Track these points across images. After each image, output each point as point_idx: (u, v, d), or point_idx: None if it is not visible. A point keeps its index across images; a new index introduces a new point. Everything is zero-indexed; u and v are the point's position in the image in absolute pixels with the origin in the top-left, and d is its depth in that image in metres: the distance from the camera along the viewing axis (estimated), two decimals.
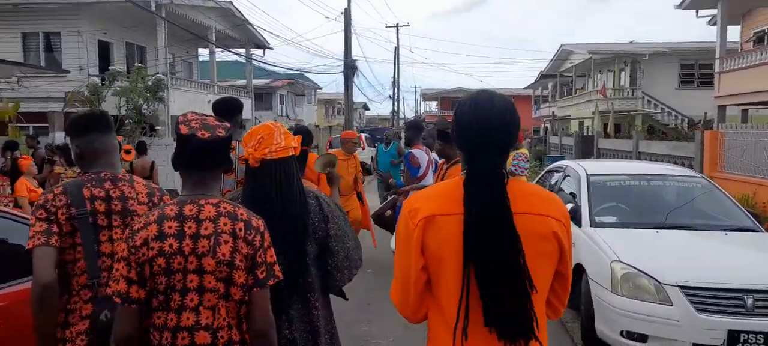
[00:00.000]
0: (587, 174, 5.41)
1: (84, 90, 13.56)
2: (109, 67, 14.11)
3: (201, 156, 1.72)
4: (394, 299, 1.62)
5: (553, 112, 29.44)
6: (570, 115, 29.97)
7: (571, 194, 5.66)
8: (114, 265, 1.68)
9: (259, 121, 21.99)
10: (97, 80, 13.86)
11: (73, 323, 1.96)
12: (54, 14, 16.34)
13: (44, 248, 1.88)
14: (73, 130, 2.15)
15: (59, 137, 13.24)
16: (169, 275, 1.63)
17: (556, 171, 6.71)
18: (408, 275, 1.53)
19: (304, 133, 2.65)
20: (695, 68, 25.27)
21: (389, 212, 5.72)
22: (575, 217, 4.95)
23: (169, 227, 1.65)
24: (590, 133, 21.15)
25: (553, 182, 6.66)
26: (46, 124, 15.58)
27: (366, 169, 14.18)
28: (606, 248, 4.31)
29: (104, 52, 17.16)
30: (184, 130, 1.72)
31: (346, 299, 2.38)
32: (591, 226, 4.80)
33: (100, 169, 2.09)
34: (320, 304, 2.12)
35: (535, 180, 7.40)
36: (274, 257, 1.78)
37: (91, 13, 16.29)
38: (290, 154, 2.06)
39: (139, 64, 14.17)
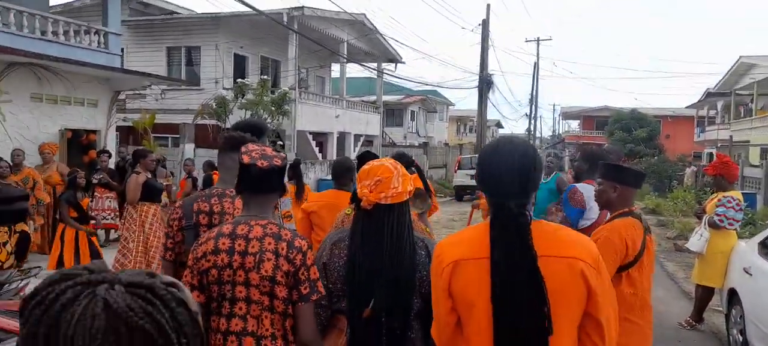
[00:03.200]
0: None
1: (213, 103, 13.43)
2: (237, 80, 13.89)
3: (259, 182, 1.91)
4: (433, 336, 1.70)
5: (731, 136, 24.84)
6: (748, 141, 25.13)
7: None
8: (183, 274, 1.94)
9: (389, 138, 21.11)
10: (225, 93, 13.69)
11: None
12: (195, 29, 16.80)
13: (163, 261, 2.34)
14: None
15: (189, 149, 13.20)
16: (220, 285, 1.83)
17: None
18: (439, 315, 1.62)
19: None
20: None
21: None
22: None
23: (223, 243, 1.85)
24: None
25: None
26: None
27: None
28: None
29: (240, 65, 17.30)
30: (246, 159, 1.90)
31: None
32: None
33: (219, 185, 2.41)
34: None
35: (759, 241, 5.10)
36: (317, 274, 1.88)
37: (228, 27, 16.46)
38: (405, 199, 1.95)
39: (265, 77, 13.77)
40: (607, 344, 1.56)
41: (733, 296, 5.14)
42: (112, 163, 9.76)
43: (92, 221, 7.23)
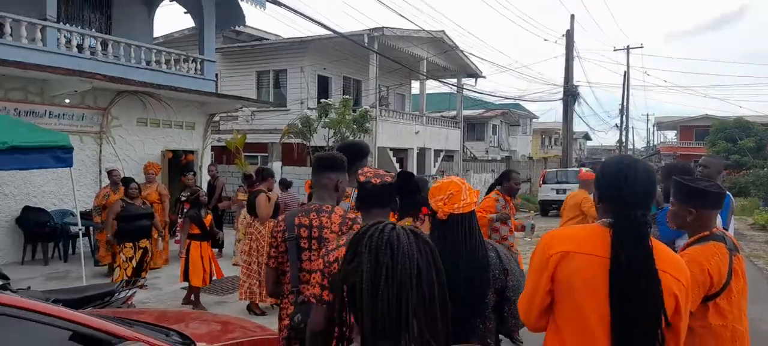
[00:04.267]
0: None
1: (297, 122, 14.00)
2: (321, 100, 14.40)
3: (373, 197, 2.29)
4: (521, 309, 1.94)
5: None
6: None
7: None
8: (312, 276, 2.17)
9: (470, 152, 20.92)
10: (310, 113, 14.24)
11: (282, 317, 2.57)
12: (282, 53, 17.65)
13: (267, 268, 2.61)
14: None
15: (277, 167, 13.83)
16: None
17: None
18: (535, 295, 1.84)
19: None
20: None
21: None
22: None
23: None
24: None
25: None
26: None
27: None
28: None
29: (323, 86, 17.93)
30: (361, 178, 2.31)
31: (521, 342, 2.41)
32: None
33: (314, 202, 2.57)
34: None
35: None
36: None
37: (312, 50, 17.15)
38: (473, 209, 2.22)
39: (347, 96, 14.17)
40: None
41: None
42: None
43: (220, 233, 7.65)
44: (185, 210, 7.20)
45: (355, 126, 13.66)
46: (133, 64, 10.16)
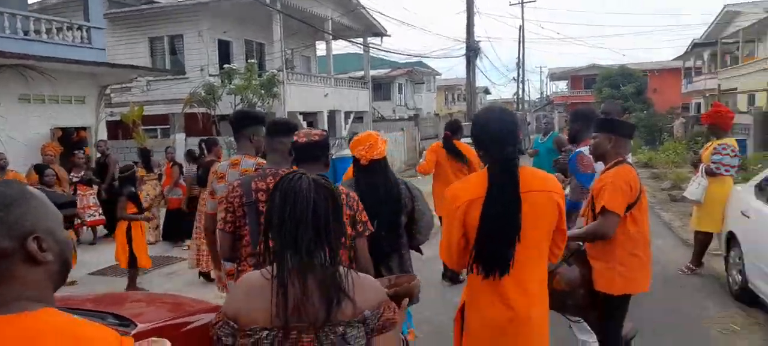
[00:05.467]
0: None
1: (200, 90, 13.32)
2: (223, 66, 13.76)
3: (303, 153, 2.54)
4: (444, 257, 2.26)
5: (719, 85, 24.96)
6: (736, 89, 25.31)
7: None
8: None
9: (378, 112, 20.96)
10: (213, 80, 13.57)
11: None
12: (176, 17, 16.54)
13: (222, 232, 2.60)
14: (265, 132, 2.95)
15: (180, 139, 13.13)
16: None
17: None
18: (452, 240, 2.15)
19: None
20: None
21: (564, 268, 3.04)
22: None
23: None
24: None
25: None
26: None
27: None
28: None
29: (224, 51, 17.10)
30: (294, 138, 2.59)
31: (422, 254, 3.32)
32: None
33: (269, 166, 2.74)
34: (408, 256, 3.11)
35: (755, 184, 5.20)
36: (367, 216, 2.47)
37: (210, 13, 16.23)
38: (385, 155, 2.99)
39: (253, 61, 13.65)
40: (563, 245, 2.29)
41: (731, 239, 5.27)
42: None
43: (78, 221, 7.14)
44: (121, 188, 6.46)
45: (262, 91, 13.24)
46: (9, 34, 9.08)
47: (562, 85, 53.66)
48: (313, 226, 1.43)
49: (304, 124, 17.41)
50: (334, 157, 14.18)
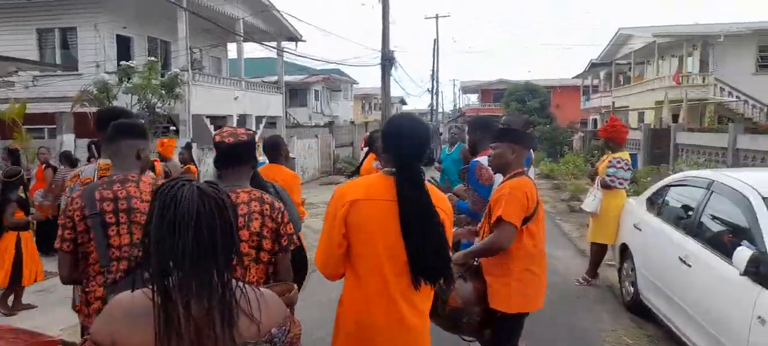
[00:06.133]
0: (763, 197, 3.47)
1: (93, 88, 12.24)
2: (120, 63, 12.74)
3: (229, 156, 2.31)
4: (318, 261, 2.12)
5: (613, 102, 26.86)
6: (628, 106, 27.38)
7: (731, 228, 3.74)
8: None
9: (293, 118, 20.50)
10: (108, 77, 12.51)
11: (91, 302, 2.32)
12: (69, 8, 15.14)
13: (61, 253, 2.30)
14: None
15: (68, 140, 11.98)
16: None
17: (684, 185, 4.76)
18: (332, 241, 2.04)
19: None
20: None
21: (459, 283, 2.90)
22: (762, 273, 3.05)
23: None
24: (661, 126, 18.70)
25: (681, 204, 4.71)
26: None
27: None
28: None
29: (125, 47, 15.90)
30: (217, 138, 2.34)
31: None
32: None
33: (115, 172, 2.40)
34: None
35: (646, 197, 5.43)
36: (293, 229, 2.35)
37: (110, 6, 15.03)
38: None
39: (153, 59, 12.75)
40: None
41: (624, 251, 5.46)
42: None
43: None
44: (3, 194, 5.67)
45: (163, 92, 12.38)
46: None
47: (474, 98, 55.62)
48: (197, 242, 1.23)
49: (211, 128, 16.58)
50: None
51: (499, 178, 3.84)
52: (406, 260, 1.97)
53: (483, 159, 4.08)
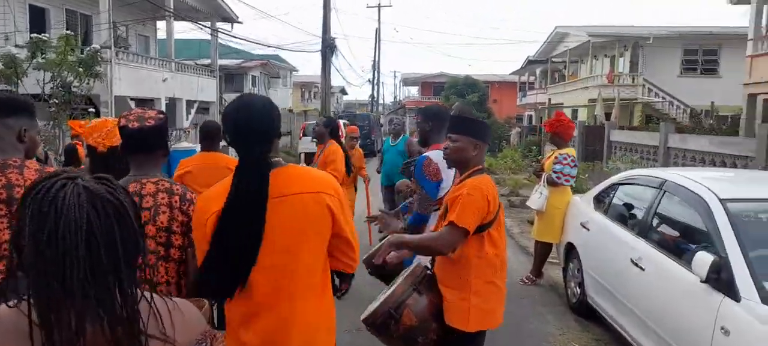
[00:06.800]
0: (721, 199, 3.31)
1: None
2: (32, 36, 11.51)
3: (135, 142, 2.07)
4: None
5: (549, 99, 27.49)
6: (563, 103, 28.14)
7: (688, 230, 3.58)
8: None
9: (226, 103, 19.51)
10: (16, 51, 11.27)
11: None
12: None
13: None
14: None
15: None
16: None
17: (634, 184, 4.61)
18: (200, 251, 1.78)
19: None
20: (699, 54, 23.66)
21: (394, 255, 2.81)
22: (724, 280, 2.88)
23: None
24: (594, 123, 19.24)
25: (630, 203, 4.56)
26: None
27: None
28: None
29: (38, 19, 14.49)
30: (122, 122, 2.10)
31: None
32: (763, 301, 2.72)
33: None
34: None
35: (593, 196, 5.29)
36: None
37: None
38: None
39: (69, 32, 11.59)
40: (356, 253, 1.93)
41: (570, 251, 5.30)
42: None
43: None
44: None
45: (80, 69, 11.28)
46: None
47: (414, 91, 55.82)
48: (90, 259, 0.99)
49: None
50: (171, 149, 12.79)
51: (450, 173, 3.49)
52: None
53: (433, 153, 3.73)
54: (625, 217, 4.52)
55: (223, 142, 4.42)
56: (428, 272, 2.58)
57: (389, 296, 2.43)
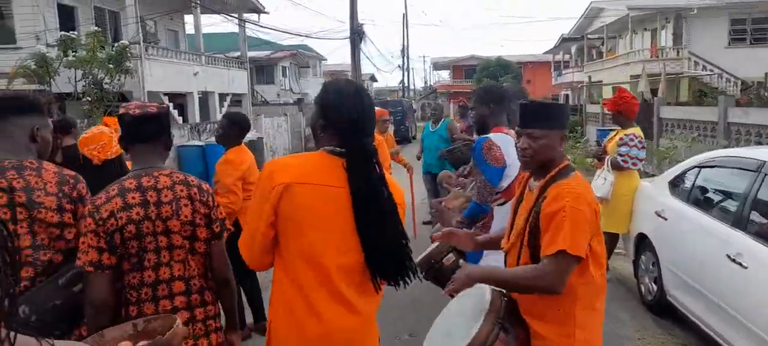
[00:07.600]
0: None
1: (31, 63, 10.92)
2: (61, 34, 11.42)
3: (136, 130, 1.98)
4: (243, 247, 1.78)
5: (589, 77, 26.35)
6: (602, 81, 27.01)
7: None
8: (81, 239, 1.88)
9: (260, 96, 19.28)
10: (48, 50, 11.19)
11: None
12: None
13: None
14: None
15: None
16: (140, 239, 1.90)
17: (720, 166, 4.04)
18: (258, 228, 1.70)
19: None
20: (748, 23, 22.29)
21: (451, 257, 2.45)
22: None
23: (133, 198, 1.90)
24: (642, 101, 18.26)
25: (719, 189, 4.00)
26: None
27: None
28: None
29: (68, 17, 14.45)
30: (121, 110, 2.02)
31: None
32: None
33: (4, 158, 1.97)
34: None
35: (668, 181, 4.71)
36: (223, 213, 2.13)
37: None
38: (121, 153, 2.82)
39: (97, 29, 11.46)
40: None
41: (642, 242, 4.76)
42: None
43: None
44: None
45: (111, 66, 11.14)
46: None
47: (445, 75, 54.89)
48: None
49: (171, 106, 15.33)
50: (205, 143, 12.52)
51: (514, 157, 2.96)
52: (358, 258, 1.69)
53: (495, 136, 3.26)
54: (712, 204, 3.96)
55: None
56: (505, 298, 1.93)
57: (473, 341, 1.77)
